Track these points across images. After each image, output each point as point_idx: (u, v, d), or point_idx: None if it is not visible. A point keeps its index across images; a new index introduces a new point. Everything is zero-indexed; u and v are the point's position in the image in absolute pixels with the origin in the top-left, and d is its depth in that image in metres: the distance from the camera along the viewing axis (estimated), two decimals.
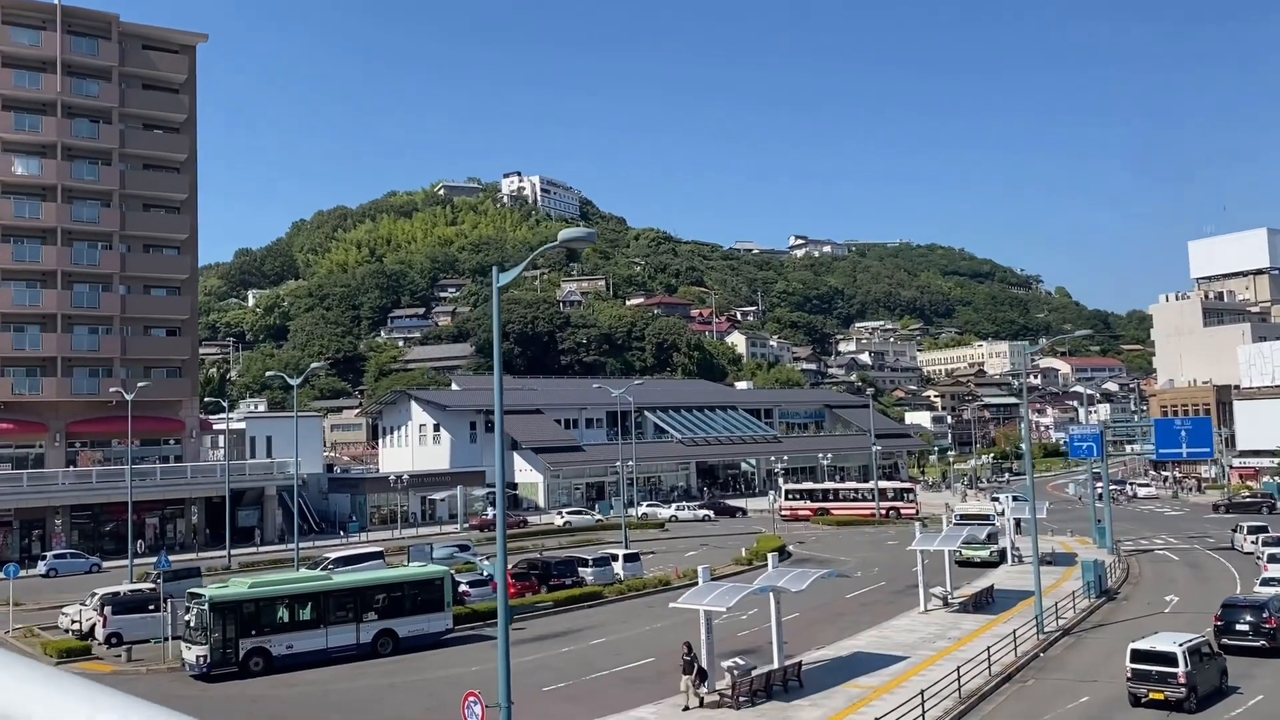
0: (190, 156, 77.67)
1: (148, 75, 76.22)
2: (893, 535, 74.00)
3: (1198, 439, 56.68)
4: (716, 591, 29.53)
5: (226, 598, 34.41)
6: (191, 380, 77.51)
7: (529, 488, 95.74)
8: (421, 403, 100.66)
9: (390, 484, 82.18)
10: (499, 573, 17.78)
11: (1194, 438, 56.50)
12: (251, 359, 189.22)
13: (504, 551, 17.91)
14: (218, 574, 58.48)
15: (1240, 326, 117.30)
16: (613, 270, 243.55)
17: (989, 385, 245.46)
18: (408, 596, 38.03)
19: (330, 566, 51.76)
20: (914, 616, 40.65)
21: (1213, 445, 59.37)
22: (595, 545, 69.31)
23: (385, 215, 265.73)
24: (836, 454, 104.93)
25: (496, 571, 17.87)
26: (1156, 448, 64.00)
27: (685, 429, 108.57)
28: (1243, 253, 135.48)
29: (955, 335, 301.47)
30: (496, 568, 17.99)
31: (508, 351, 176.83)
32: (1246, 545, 55.38)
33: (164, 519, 73.47)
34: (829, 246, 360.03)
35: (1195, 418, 61.03)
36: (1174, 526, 72.20)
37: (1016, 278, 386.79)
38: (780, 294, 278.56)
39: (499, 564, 17.81)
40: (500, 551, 17.89)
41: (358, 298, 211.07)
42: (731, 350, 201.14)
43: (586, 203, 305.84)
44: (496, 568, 17.99)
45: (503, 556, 17.86)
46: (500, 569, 17.78)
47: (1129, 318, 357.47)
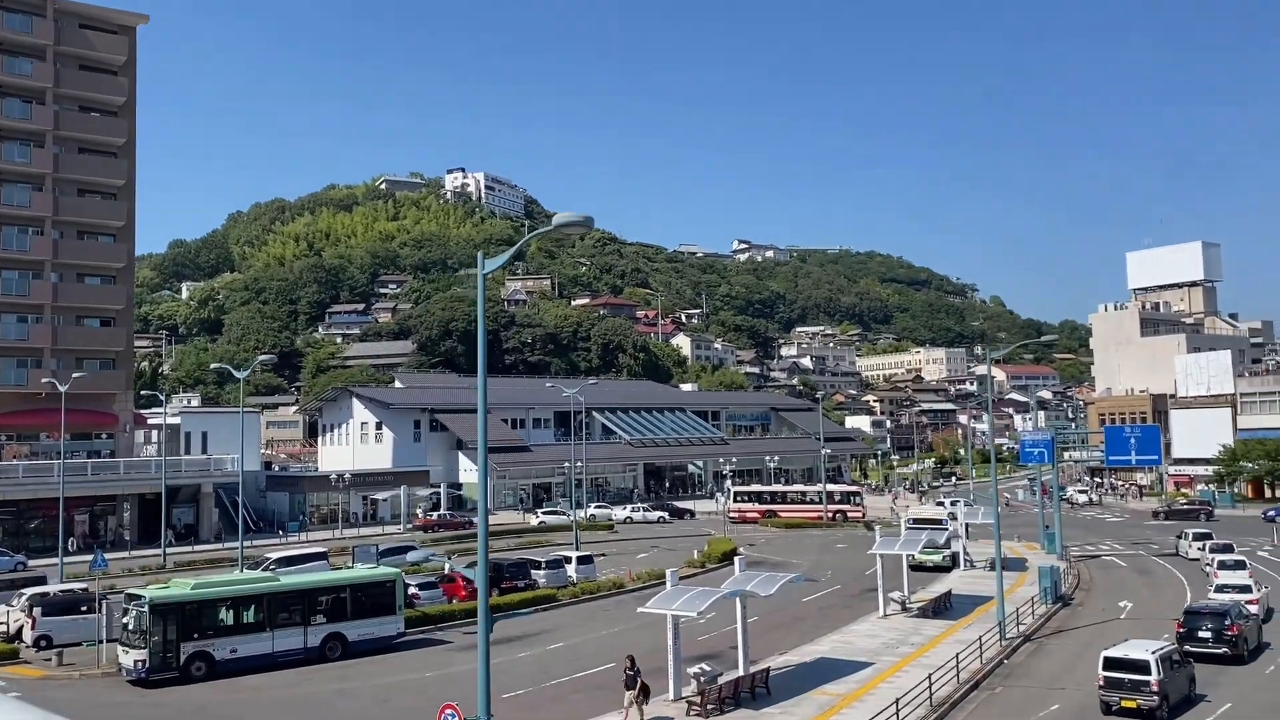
0: (129, 141, 74.99)
1: (85, 55, 73.42)
2: (841, 538, 73.98)
3: (1147, 446, 57.27)
4: (686, 596, 28.75)
5: (168, 599, 32.80)
6: (126, 373, 74.82)
7: (474, 488, 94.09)
8: (364, 400, 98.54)
9: (331, 483, 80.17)
10: (480, 576, 16.81)
11: (1143, 445, 57.07)
12: (185, 353, 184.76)
13: (485, 554, 16.93)
14: (153, 574, 56.53)
15: (1176, 337, 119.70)
16: (558, 270, 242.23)
17: (926, 391, 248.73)
18: (358, 599, 36.68)
19: (272, 567, 50.12)
20: (874, 621, 40.26)
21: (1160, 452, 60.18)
22: (545, 547, 68.22)
23: (325, 209, 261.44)
24: (783, 457, 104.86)
25: (478, 576, 16.87)
26: (1106, 454, 64.60)
27: (633, 430, 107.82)
28: (1178, 265, 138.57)
29: (893, 341, 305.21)
30: (478, 572, 16.98)
31: (450, 350, 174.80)
32: (1192, 552, 56.05)
33: (94, 516, 70.71)
34: (771, 251, 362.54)
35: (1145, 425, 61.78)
36: (1117, 533, 73.07)
37: (952, 286, 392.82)
38: (723, 297, 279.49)
39: (480, 567, 16.83)
40: (481, 554, 16.92)
41: (295, 292, 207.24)
42: (677, 352, 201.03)
43: (532, 201, 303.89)
44: (478, 572, 16.98)
45: (484, 559, 16.88)
46: (482, 573, 16.80)
47: (1061, 327, 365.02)
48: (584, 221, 15.35)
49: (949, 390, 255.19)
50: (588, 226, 15.38)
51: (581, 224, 15.35)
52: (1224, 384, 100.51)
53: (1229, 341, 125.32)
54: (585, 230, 15.48)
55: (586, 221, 15.35)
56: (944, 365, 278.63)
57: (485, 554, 16.94)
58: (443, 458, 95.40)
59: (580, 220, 15.33)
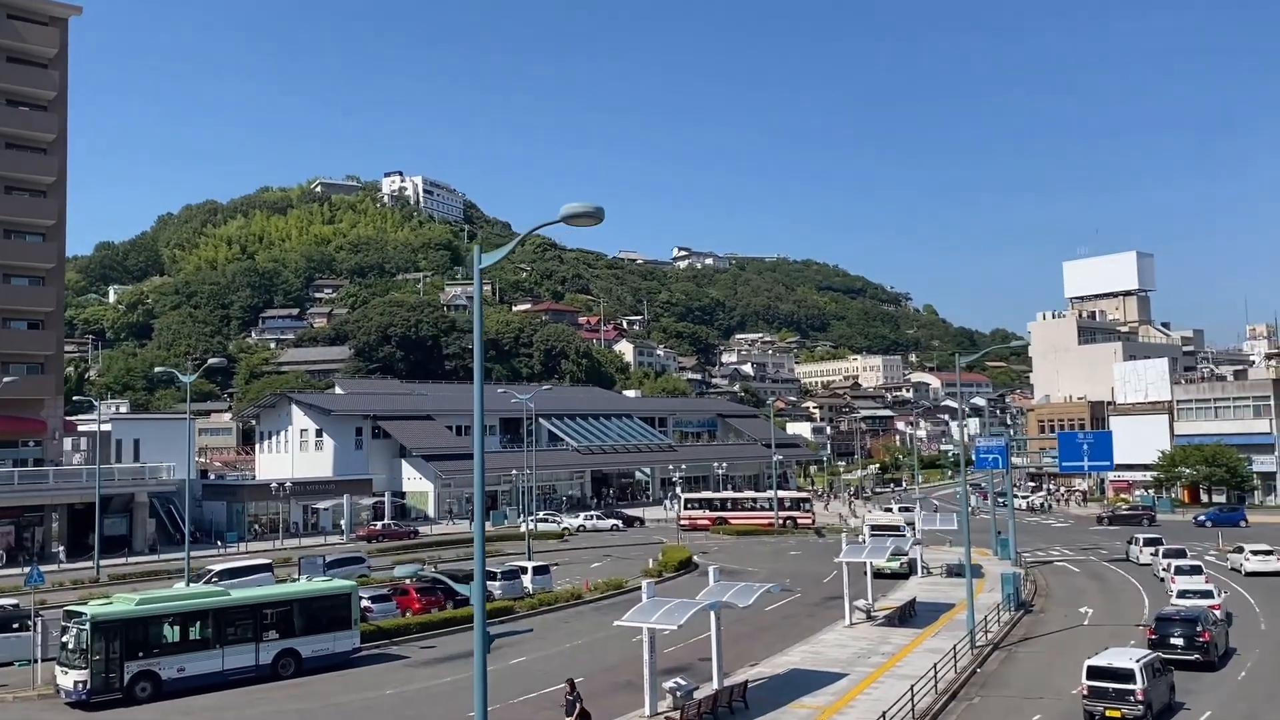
0: (59, 137, 72.11)
1: (13, 47, 70.39)
2: (794, 545, 73.66)
3: (1099, 452, 57.75)
4: (664, 608, 27.81)
5: (110, 616, 31.00)
6: (55, 378, 71.81)
7: (418, 497, 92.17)
8: (303, 406, 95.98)
9: (271, 491, 77.75)
10: (476, 591, 15.68)
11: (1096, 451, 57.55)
12: (112, 358, 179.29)
13: (482, 562, 15.82)
14: (85, 587, 54.11)
15: (1113, 345, 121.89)
16: (499, 275, 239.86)
17: (864, 398, 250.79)
18: (312, 613, 35.14)
19: (215, 580, 48.22)
20: (840, 630, 39.70)
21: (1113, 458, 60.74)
22: (494, 556, 66.82)
23: (258, 211, 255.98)
24: (730, 463, 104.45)
25: (474, 591, 15.74)
26: (1060, 460, 65.14)
27: (580, 437, 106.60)
28: (1113, 274, 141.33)
29: (830, 349, 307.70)
30: (474, 585, 15.85)
31: (388, 355, 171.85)
32: (1143, 557, 56.50)
33: (20, 527, 67.68)
34: (711, 259, 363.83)
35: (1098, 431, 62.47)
36: (1064, 538, 73.67)
37: (887, 294, 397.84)
38: (664, 304, 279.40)
39: (476, 579, 15.71)
40: (478, 563, 15.81)
41: (227, 296, 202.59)
42: (619, 358, 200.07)
43: (471, 206, 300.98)
44: (474, 585, 15.85)
45: (480, 567, 15.77)
46: (478, 586, 15.68)
47: (993, 336, 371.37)
48: (593, 212, 14.33)
49: (886, 397, 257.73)
50: (598, 217, 14.35)
51: (591, 214, 14.34)
52: (1161, 391, 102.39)
53: (1163, 349, 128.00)
54: (595, 221, 14.42)
55: (596, 212, 14.32)
56: (881, 372, 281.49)
57: (482, 562, 15.84)
58: (385, 465, 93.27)
59: (589, 210, 14.32)
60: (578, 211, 14.40)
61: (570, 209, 14.44)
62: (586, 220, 14.45)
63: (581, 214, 14.39)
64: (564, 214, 14.51)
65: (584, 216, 14.41)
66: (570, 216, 14.46)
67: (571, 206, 14.44)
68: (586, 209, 14.35)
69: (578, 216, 14.42)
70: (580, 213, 14.39)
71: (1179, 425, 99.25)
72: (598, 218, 14.42)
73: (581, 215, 14.40)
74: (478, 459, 15.92)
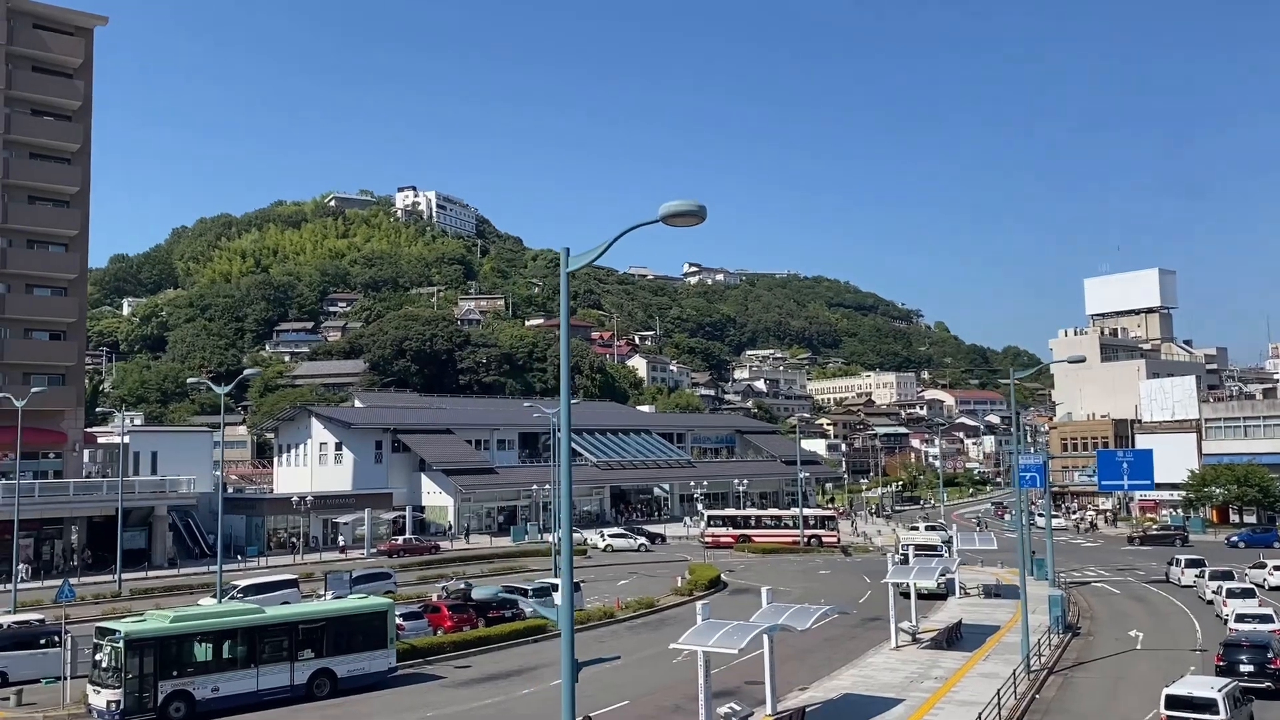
0: (83, 147, 71.63)
1: (39, 57, 70.05)
2: (821, 564, 72.45)
3: (1139, 471, 56.50)
4: (721, 631, 26.74)
5: (145, 633, 30.08)
6: (76, 389, 71.15)
7: (438, 511, 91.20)
8: (323, 419, 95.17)
9: (293, 505, 76.90)
10: (564, 609, 14.70)
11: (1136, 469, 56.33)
12: (126, 370, 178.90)
13: (569, 582, 14.85)
14: (108, 602, 53.25)
15: (1136, 363, 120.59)
16: (511, 290, 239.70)
17: (878, 415, 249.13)
18: (348, 632, 34.20)
19: (239, 596, 47.37)
20: (887, 653, 38.57)
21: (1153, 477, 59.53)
22: (519, 573, 65.86)
23: (272, 225, 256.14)
24: (751, 480, 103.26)
25: (562, 611, 14.74)
26: (1099, 479, 63.88)
27: (599, 452, 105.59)
28: (1135, 292, 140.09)
29: (842, 365, 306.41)
30: (562, 610, 14.85)
31: (403, 369, 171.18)
32: (1185, 579, 55.29)
33: (39, 540, 66.89)
34: (721, 275, 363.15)
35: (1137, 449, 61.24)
36: (1097, 559, 72.37)
37: (898, 311, 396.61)
38: (674, 320, 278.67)
39: (564, 601, 14.73)
40: (565, 584, 14.86)
41: (242, 309, 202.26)
42: (633, 374, 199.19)
43: (483, 221, 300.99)
44: (562, 610, 14.85)
45: (568, 587, 14.80)
46: (565, 601, 14.70)
47: (1005, 353, 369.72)
48: (695, 210, 13.32)
49: (900, 414, 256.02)
50: (700, 216, 13.36)
51: (692, 213, 13.32)
52: (1188, 409, 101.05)
53: (1187, 367, 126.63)
54: (697, 220, 13.44)
55: (698, 210, 13.31)
56: (894, 389, 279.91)
57: (569, 582, 14.85)
58: (405, 479, 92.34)
59: (690, 209, 13.31)
60: (678, 210, 13.41)
61: (670, 208, 13.46)
62: (688, 219, 13.47)
63: (682, 213, 13.38)
64: (663, 213, 13.54)
65: (684, 216, 13.39)
66: (670, 216, 13.45)
67: (671, 205, 13.46)
68: (688, 207, 13.35)
69: (678, 216, 13.41)
70: (680, 211, 13.39)
71: (1207, 444, 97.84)
72: (700, 216, 13.42)
73: (682, 215, 13.38)
74: (564, 467, 14.99)
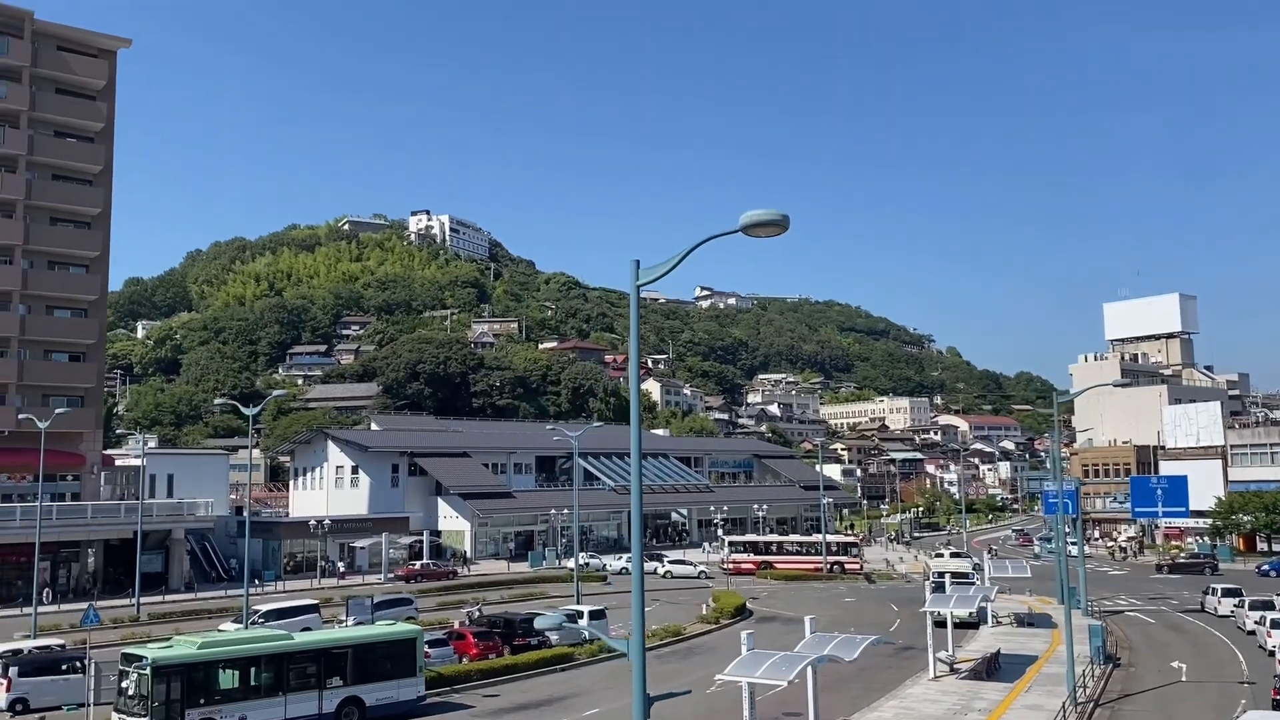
0: (105, 169, 71.56)
1: (62, 79, 70.10)
2: (845, 591, 71.39)
3: (1174, 497, 55.47)
4: (769, 661, 25.98)
5: (172, 660, 29.34)
6: (95, 411, 70.70)
7: (454, 536, 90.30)
8: (339, 442, 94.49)
9: (310, 529, 76.16)
10: (635, 641, 13.97)
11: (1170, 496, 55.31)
12: (140, 393, 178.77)
13: (640, 609, 14.13)
14: (125, 626, 52.50)
15: (1158, 388, 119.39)
16: (524, 313, 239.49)
17: (893, 440, 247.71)
18: (377, 659, 33.47)
19: (260, 620, 46.66)
20: (926, 684, 37.66)
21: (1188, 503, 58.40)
22: (539, 599, 65.04)
23: (286, 248, 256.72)
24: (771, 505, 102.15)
25: (633, 644, 14.01)
26: (1132, 505, 62.88)
27: (617, 476, 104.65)
28: (1155, 316, 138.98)
29: (855, 390, 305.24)
30: (633, 642, 14.12)
31: (417, 392, 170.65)
32: (1222, 608, 54.20)
33: (56, 563, 66.29)
34: (733, 299, 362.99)
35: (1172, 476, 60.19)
36: (1127, 587, 71.15)
37: (910, 336, 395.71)
38: (686, 343, 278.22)
39: (635, 621, 14.00)
40: (636, 611, 14.14)
41: (256, 332, 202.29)
42: (647, 397, 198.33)
43: (496, 244, 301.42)
44: (633, 642, 14.12)
45: (639, 616, 14.08)
46: (637, 633, 13.97)
47: (1018, 379, 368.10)
48: (778, 220, 12.59)
49: (914, 440, 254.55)
50: (783, 226, 12.66)
51: (774, 222, 12.61)
52: (1213, 435, 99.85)
53: (1209, 393, 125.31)
54: (780, 230, 12.77)
55: (781, 220, 12.60)
56: (908, 414, 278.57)
57: (640, 609, 14.13)
58: (421, 503, 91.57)
59: (773, 218, 12.58)
60: (760, 220, 12.69)
61: (751, 217, 12.77)
62: (770, 230, 12.79)
63: (764, 223, 12.66)
64: (744, 223, 12.85)
65: (766, 226, 12.68)
66: (751, 226, 12.75)
67: (752, 215, 12.77)
68: (769, 217, 12.63)
69: (759, 226, 12.70)
70: (762, 221, 12.68)
71: (1233, 470, 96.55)
72: (782, 226, 12.72)
73: (764, 225, 12.66)
74: (635, 486, 14.29)
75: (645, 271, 14.29)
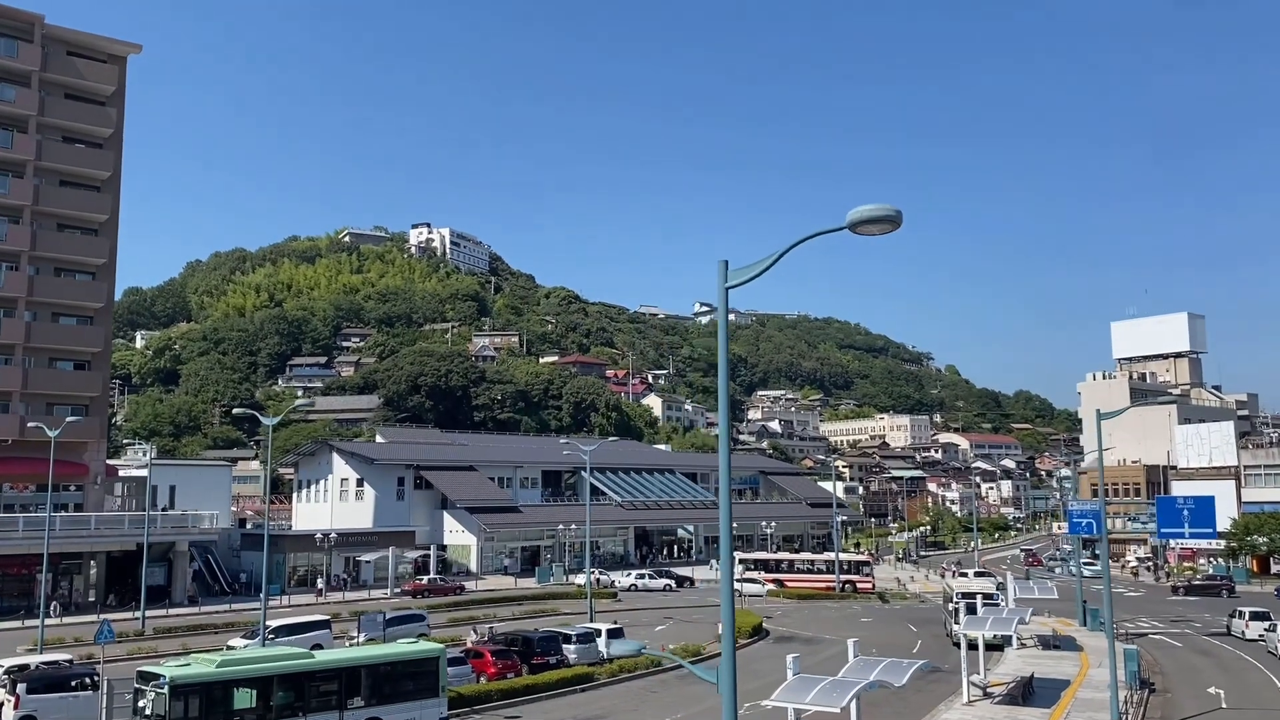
0: (114, 175, 70.73)
1: (72, 84, 69.33)
2: (860, 611, 70.26)
3: (1201, 518, 54.48)
4: (818, 687, 24.92)
5: (191, 679, 28.21)
6: (100, 421, 69.58)
7: (460, 550, 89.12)
8: (344, 455, 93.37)
9: (316, 543, 74.98)
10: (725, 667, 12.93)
11: (1197, 517, 54.36)
12: (140, 403, 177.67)
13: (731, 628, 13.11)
14: (130, 640, 51.27)
15: (1168, 407, 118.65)
16: (525, 327, 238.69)
17: (894, 458, 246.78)
18: (399, 679, 32.38)
19: (272, 636, 45.45)
20: (960, 708, 36.58)
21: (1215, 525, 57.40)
22: (548, 616, 63.83)
23: (286, 260, 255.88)
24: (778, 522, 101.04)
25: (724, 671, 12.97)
26: (1159, 526, 61.86)
27: (623, 491, 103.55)
28: (1164, 336, 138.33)
29: (854, 407, 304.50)
30: (723, 668, 13.07)
31: (418, 405, 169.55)
32: (1250, 632, 53.26)
33: (57, 575, 64.97)
34: (733, 315, 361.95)
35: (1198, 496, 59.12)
36: (1144, 608, 70.12)
37: (909, 354, 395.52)
38: (686, 359, 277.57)
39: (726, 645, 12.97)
40: (726, 631, 13.11)
41: (255, 343, 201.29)
42: (648, 412, 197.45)
43: (496, 258, 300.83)
44: (723, 668, 13.07)
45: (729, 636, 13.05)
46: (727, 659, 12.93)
47: (1017, 397, 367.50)
48: (890, 216, 11.62)
49: (915, 457, 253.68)
50: (895, 222, 11.68)
51: (887, 218, 11.62)
52: (1226, 456, 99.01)
53: (1218, 413, 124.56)
54: (893, 226, 11.81)
55: (894, 216, 11.66)
56: (908, 432, 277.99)
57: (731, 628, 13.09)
58: (427, 517, 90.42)
59: (885, 214, 11.60)
60: (869, 216, 11.69)
61: (860, 213, 11.78)
62: (882, 226, 11.77)
63: (876, 219, 11.64)
64: (853, 219, 11.87)
65: (878, 222, 11.71)
66: (860, 223, 11.79)
67: (861, 211, 11.79)
68: (881, 212, 11.63)
69: (870, 222, 11.68)
70: (872, 217, 11.67)
71: (1246, 492, 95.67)
72: (894, 223, 11.73)
73: (873, 221, 11.70)
74: (724, 500, 13.30)
75: (735, 273, 13.36)
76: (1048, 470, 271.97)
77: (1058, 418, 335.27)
